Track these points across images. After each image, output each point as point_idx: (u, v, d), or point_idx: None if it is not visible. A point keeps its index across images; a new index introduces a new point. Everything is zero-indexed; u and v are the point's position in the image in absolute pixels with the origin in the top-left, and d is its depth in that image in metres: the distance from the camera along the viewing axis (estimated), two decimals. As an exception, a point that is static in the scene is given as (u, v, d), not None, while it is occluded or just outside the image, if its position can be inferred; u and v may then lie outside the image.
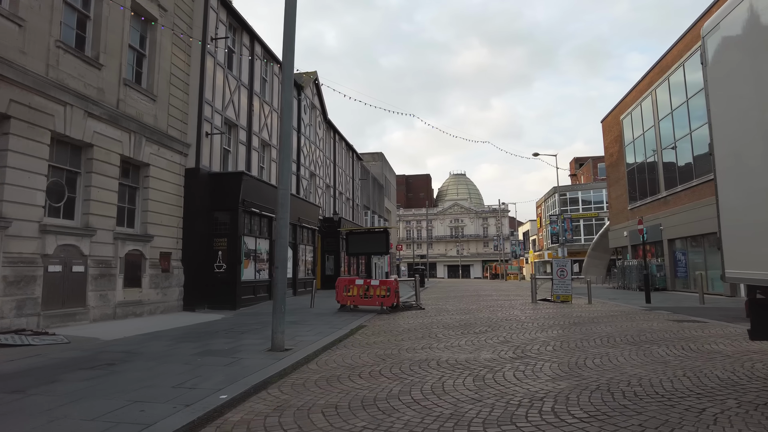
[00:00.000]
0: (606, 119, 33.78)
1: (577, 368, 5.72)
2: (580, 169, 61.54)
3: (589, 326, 9.61)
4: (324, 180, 27.85)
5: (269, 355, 7.05)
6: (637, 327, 9.41)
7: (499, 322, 10.55)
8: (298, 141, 23.36)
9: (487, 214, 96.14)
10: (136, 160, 12.56)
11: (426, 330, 9.48)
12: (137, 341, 8.35)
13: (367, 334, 9.25)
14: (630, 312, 12.70)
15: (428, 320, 11.32)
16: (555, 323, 10.19)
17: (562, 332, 8.76)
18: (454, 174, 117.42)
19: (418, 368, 5.94)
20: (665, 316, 11.55)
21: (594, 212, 50.27)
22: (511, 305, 15.31)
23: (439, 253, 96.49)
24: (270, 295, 17.28)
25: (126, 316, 11.76)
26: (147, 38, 13.43)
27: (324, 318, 12.03)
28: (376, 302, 13.43)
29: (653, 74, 25.70)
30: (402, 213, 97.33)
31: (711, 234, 20.24)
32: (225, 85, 16.58)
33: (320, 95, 27.27)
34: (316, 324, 10.78)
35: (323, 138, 28.09)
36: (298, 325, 10.65)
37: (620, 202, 31.60)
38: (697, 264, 22.11)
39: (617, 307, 14.26)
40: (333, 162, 30.04)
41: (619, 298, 18.41)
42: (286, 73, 8.12)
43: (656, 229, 25.24)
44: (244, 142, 17.84)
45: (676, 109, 22.98)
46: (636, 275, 25.37)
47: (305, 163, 24.29)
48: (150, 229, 12.98)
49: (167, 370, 6.01)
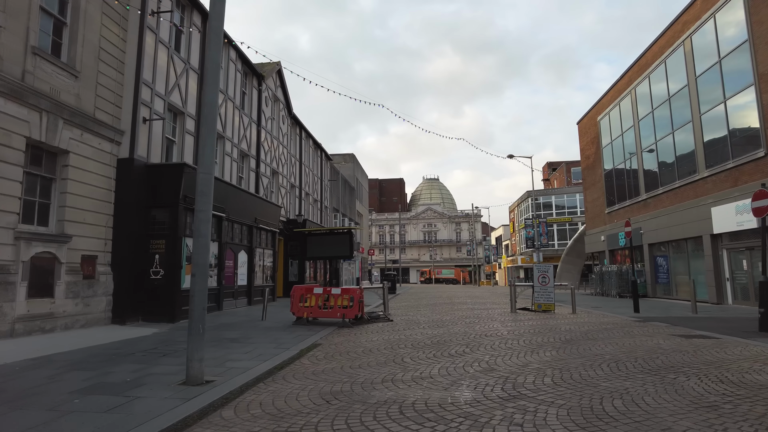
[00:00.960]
0: (582, 121, 32.93)
1: (595, 418, 4.10)
2: (553, 174, 61.14)
3: (586, 345, 8.10)
4: (288, 179, 25.95)
5: (179, 392, 5.26)
6: (642, 346, 7.95)
7: (479, 339, 8.95)
8: (258, 135, 21.45)
9: (460, 219, 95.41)
10: (50, 145, 10.52)
11: (391, 351, 7.79)
12: (14, 370, 6.40)
13: (318, 357, 7.51)
14: (623, 324, 11.31)
15: (395, 336, 9.65)
16: (545, 341, 8.65)
17: (556, 354, 7.21)
18: (428, 178, 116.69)
19: (372, 420, 4.24)
20: (665, 329, 10.18)
21: (568, 217, 49.67)
22: (489, 315, 13.79)
23: (413, 258, 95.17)
24: (219, 305, 15.32)
25: (30, 332, 9.69)
26: (69, 4, 11.41)
27: (272, 334, 10.22)
28: (337, 314, 11.68)
29: (632, 72, 24.81)
30: (375, 217, 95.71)
31: (695, 238, 19.26)
32: (170, 66, 14.62)
33: (284, 87, 25.40)
34: (259, 342, 8.97)
35: (288, 134, 26.21)
36: (238, 343, 8.83)
37: (597, 206, 30.70)
38: (679, 269, 21.14)
39: (606, 318, 12.89)
40: (299, 160, 28.16)
41: (602, 307, 17.14)
42: (213, 27, 6.34)
43: (636, 233, 24.22)
44: (192, 132, 15.88)
45: (658, 107, 22.05)
46: (615, 281, 24.33)
47: (266, 159, 22.37)
48: (68, 228, 10.93)
49: (11, 424, 4.15)
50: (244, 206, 17.64)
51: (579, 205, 49.09)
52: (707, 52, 18.08)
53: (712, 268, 17.82)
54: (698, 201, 18.68)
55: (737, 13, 16.33)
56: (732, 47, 16.59)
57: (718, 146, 17.66)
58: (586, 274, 41.55)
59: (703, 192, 18.39)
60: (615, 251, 27.94)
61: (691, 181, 19.17)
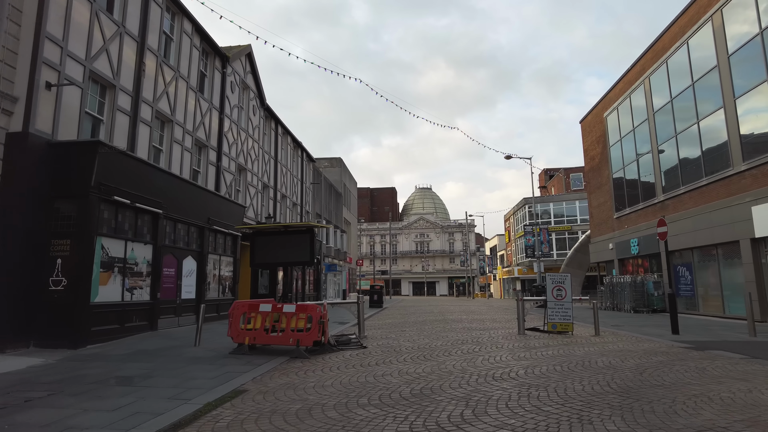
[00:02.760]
0: (585, 119, 30.31)
1: None
2: (550, 181, 58.60)
3: (660, 399, 5.10)
4: (260, 178, 22.96)
5: None
6: (753, 401, 5.01)
7: (485, 387, 5.99)
8: (220, 124, 18.50)
9: (453, 229, 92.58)
10: None
11: (342, 415, 4.79)
12: None
13: (221, 427, 4.49)
14: (676, 355, 8.35)
15: (360, 377, 6.65)
16: (589, 389, 5.68)
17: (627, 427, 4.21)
18: (420, 188, 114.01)
19: None
20: (747, 365, 7.21)
21: (567, 225, 46.95)
22: (492, 340, 10.81)
23: (404, 269, 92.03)
24: (151, 324, 12.19)
25: None
26: None
27: (190, 370, 7.20)
28: (289, 339, 8.66)
29: (645, 60, 22.20)
30: (366, 227, 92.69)
31: (728, 243, 16.46)
32: (93, 25, 11.65)
33: (255, 74, 22.51)
34: (158, 386, 5.97)
35: (260, 127, 23.27)
36: (126, 387, 5.85)
37: (603, 211, 27.94)
38: (705, 280, 18.30)
39: (644, 344, 9.95)
40: (274, 158, 25.19)
41: (624, 326, 14.22)
42: None
43: (651, 240, 21.47)
44: (127, 110, 12.89)
45: (678, 95, 19.38)
46: (629, 294, 21.45)
47: (231, 152, 19.40)
48: None
49: None
50: (193, 203, 14.63)
51: (579, 213, 46.44)
52: (743, 24, 15.44)
53: (753, 278, 14.99)
54: (732, 200, 15.91)
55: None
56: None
57: (760, 134, 14.94)
58: (585, 286, 38.75)
59: (740, 189, 15.63)
60: (626, 260, 25.12)
61: (723, 177, 16.43)
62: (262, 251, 9.54)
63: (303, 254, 9.38)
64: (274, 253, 9.52)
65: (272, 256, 9.52)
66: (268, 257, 9.52)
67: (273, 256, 9.51)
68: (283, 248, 9.52)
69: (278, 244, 9.53)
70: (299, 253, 9.42)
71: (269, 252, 9.55)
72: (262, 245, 9.57)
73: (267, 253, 9.54)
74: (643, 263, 23.37)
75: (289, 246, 9.49)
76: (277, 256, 9.48)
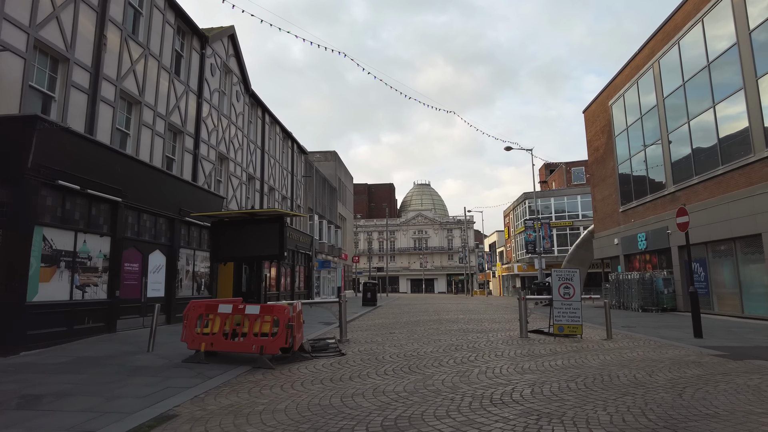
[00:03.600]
0: (589, 108, 28.94)
1: None
2: (551, 176, 57.26)
3: None
4: (245, 168, 21.60)
5: None
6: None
7: (481, 412, 4.68)
8: (198, 108, 17.14)
9: (452, 225, 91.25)
10: None
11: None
12: None
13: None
14: (711, 366, 7.03)
15: (325, 400, 5.32)
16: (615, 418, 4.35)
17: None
18: (419, 184, 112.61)
19: None
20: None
21: (568, 221, 45.62)
22: (491, 345, 9.50)
23: (402, 266, 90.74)
24: (109, 325, 10.85)
25: None
26: None
27: (122, 385, 5.87)
28: (251, 346, 7.33)
29: (655, 43, 20.83)
30: (363, 224, 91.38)
31: (749, 237, 15.14)
32: (40, -12, 10.28)
33: (239, 58, 21.12)
34: (60, 412, 4.66)
35: (245, 115, 21.89)
36: (22, 410, 4.51)
37: (608, 204, 26.62)
38: (722, 278, 16.99)
39: (666, 350, 8.63)
40: (261, 148, 23.82)
41: (635, 326, 12.92)
42: None
43: (661, 234, 20.16)
44: (85, 88, 11.52)
45: (692, 78, 18.02)
46: (637, 292, 20.14)
47: (210, 140, 18.03)
48: None
49: None
50: (162, 192, 13.28)
51: (581, 208, 45.11)
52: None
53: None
54: (754, 189, 14.59)
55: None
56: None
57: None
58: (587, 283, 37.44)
59: (763, 177, 14.31)
60: (632, 256, 23.80)
61: (744, 164, 15.10)
62: (226, 243, 8.22)
63: (272, 246, 8.05)
64: (240, 245, 8.20)
65: (238, 248, 8.19)
66: (234, 250, 8.20)
67: (239, 248, 8.19)
68: (250, 240, 8.19)
69: (245, 234, 8.20)
70: (268, 246, 8.10)
71: (235, 244, 8.22)
72: (226, 236, 8.24)
73: (232, 246, 8.22)
74: (651, 259, 22.06)
75: (256, 237, 8.16)
76: (244, 249, 8.16)
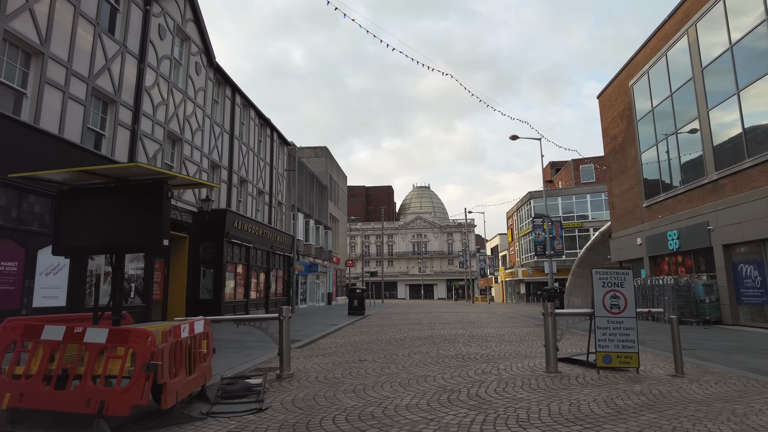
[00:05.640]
0: (605, 92, 25.75)
1: None
2: (557, 175, 54.05)
3: None
4: (206, 154, 18.39)
5: None
6: None
7: None
8: (139, 75, 13.97)
9: (452, 229, 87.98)
10: None
11: None
12: None
13: None
14: None
15: None
16: None
17: None
18: (418, 186, 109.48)
19: None
20: None
21: (577, 222, 42.36)
22: (502, 387, 6.25)
23: (401, 270, 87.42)
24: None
25: None
26: None
27: None
28: (85, 400, 4.07)
29: (689, 4, 17.67)
30: (361, 227, 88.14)
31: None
32: None
33: (200, 24, 17.95)
34: None
35: (208, 92, 18.71)
36: None
37: (628, 199, 23.35)
38: (783, 282, 13.73)
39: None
40: (230, 133, 20.63)
41: (696, 349, 9.65)
42: None
43: (700, 230, 16.91)
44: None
45: (740, 40, 14.84)
46: (672, 300, 16.85)
47: (156, 115, 14.85)
48: None
49: None
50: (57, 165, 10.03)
51: (591, 208, 41.88)
52: None
53: None
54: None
55: None
56: None
57: None
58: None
59: None
60: (660, 258, 20.52)
61: (819, 138, 11.88)
62: (75, 224, 5.03)
63: (145, 231, 4.87)
64: (95, 228, 5.01)
65: (92, 234, 5.00)
66: (86, 236, 5.01)
67: (93, 234, 5.00)
68: (111, 220, 4.99)
69: (106, 212, 5.01)
70: (139, 230, 4.90)
71: (89, 227, 5.04)
72: (75, 214, 5.06)
73: (85, 230, 5.03)
74: (684, 261, 18.78)
75: (119, 215, 4.97)
76: (101, 236, 4.97)
